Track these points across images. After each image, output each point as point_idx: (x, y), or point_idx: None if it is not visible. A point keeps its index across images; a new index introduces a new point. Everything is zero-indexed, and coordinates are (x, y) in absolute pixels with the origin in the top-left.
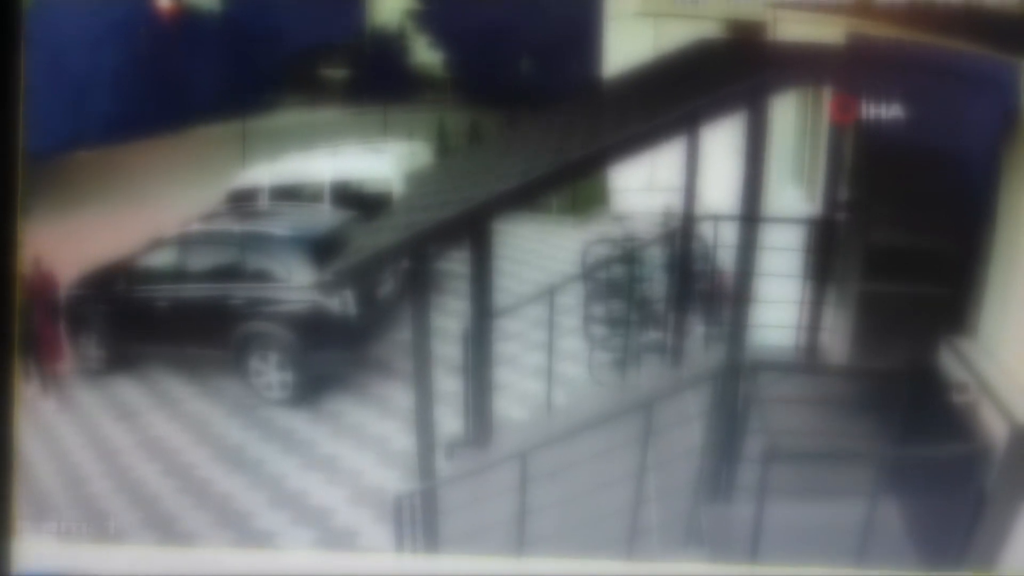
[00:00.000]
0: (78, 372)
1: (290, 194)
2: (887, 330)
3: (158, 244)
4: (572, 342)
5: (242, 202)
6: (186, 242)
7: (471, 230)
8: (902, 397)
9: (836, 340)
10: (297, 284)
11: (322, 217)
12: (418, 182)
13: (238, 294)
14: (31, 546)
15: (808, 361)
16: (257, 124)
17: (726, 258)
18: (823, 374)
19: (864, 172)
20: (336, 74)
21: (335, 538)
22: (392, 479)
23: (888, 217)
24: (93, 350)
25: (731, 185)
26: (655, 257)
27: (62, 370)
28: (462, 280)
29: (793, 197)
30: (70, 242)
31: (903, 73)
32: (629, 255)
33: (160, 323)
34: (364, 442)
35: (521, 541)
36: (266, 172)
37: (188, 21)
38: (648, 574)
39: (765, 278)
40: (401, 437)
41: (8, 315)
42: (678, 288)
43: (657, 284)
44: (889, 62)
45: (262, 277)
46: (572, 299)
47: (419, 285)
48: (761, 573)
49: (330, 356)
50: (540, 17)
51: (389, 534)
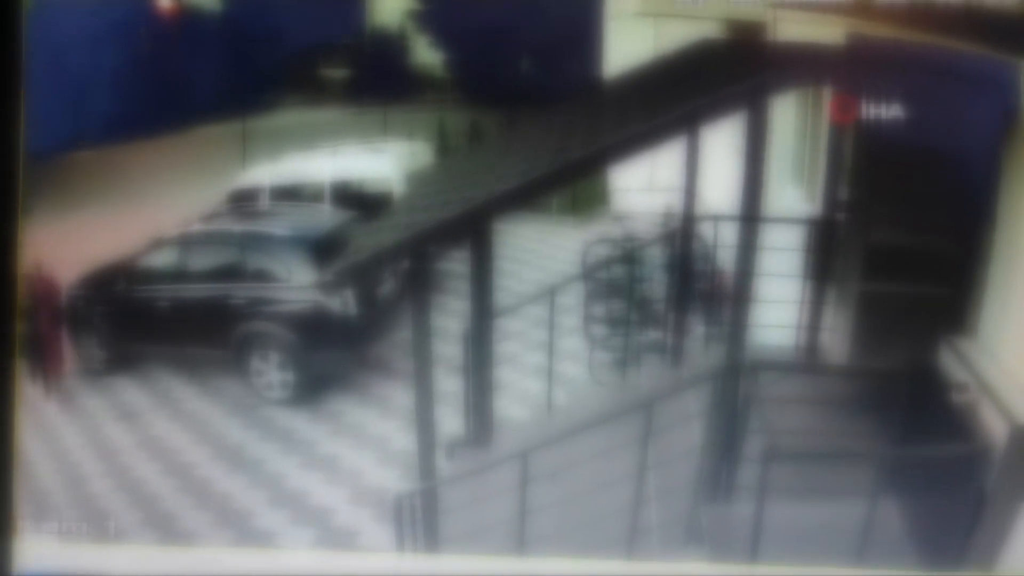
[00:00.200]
0: (79, 372)
1: (290, 194)
2: (887, 330)
3: (159, 244)
4: (572, 342)
5: (243, 202)
6: (187, 242)
7: (471, 230)
8: (902, 397)
9: (836, 340)
10: (298, 284)
11: (322, 217)
12: (418, 182)
13: (239, 294)
14: (32, 546)
15: (808, 361)
16: (257, 124)
17: (726, 258)
18: (823, 374)
19: (864, 172)
20: (336, 74)
21: (335, 538)
22: (392, 479)
23: (888, 217)
24: (94, 350)
25: (731, 185)
26: (655, 257)
27: (65, 373)
28: (462, 280)
29: (793, 197)
30: (71, 242)
31: (903, 73)
32: (629, 255)
33: (161, 323)
34: (364, 442)
35: (521, 541)
36: (266, 172)
37: (188, 21)
38: (648, 574)
39: (765, 278)
40: (401, 437)
41: (8, 315)
42: (678, 288)
43: (657, 284)
44: (889, 62)
45: (263, 277)
46: (572, 299)
47: (419, 285)
48: (761, 573)
49: (331, 356)
50: (540, 17)
51: (389, 534)
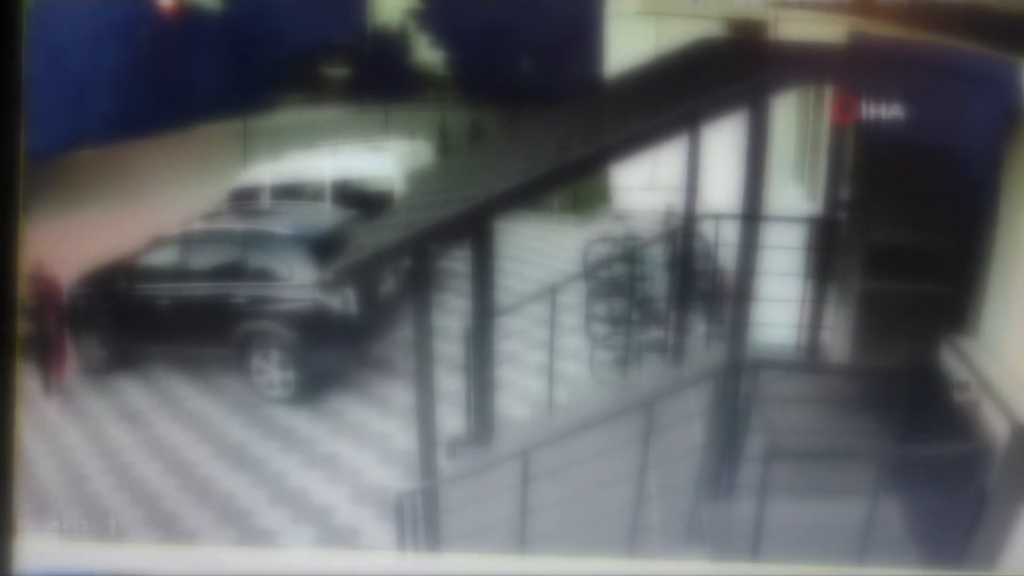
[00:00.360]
0: (79, 371)
1: (291, 193)
2: (888, 329)
3: (159, 243)
4: (573, 340)
5: (243, 201)
6: (187, 241)
7: (472, 229)
8: (903, 396)
9: (837, 339)
10: (298, 283)
11: (323, 216)
12: (419, 181)
13: (240, 293)
14: (33, 545)
15: (809, 360)
16: (258, 123)
17: (727, 257)
18: (824, 373)
19: (865, 170)
20: (337, 73)
21: (336, 536)
22: (393, 477)
23: (889, 215)
24: (94, 349)
25: (732, 184)
26: (656, 256)
27: (68, 374)
28: (463, 279)
29: (794, 196)
30: (71, 241)
31: (904, 72)
32: (630, 254)
33: (161, 322)
34: (365, 440)
35: (523, 539)
36: (267, 171)
37: (189, 20)
38: (649, 572)
39: (766, 277)
40: (402, 435)
41: (8, 315)
42: (679, 287)
43: (658, 283)
44: (890, 61)
45: (263, 276)
46: (573, 297)
47: (420, 283)
48: (762, 572)
49: (331, 354)
50: (541, 16)
51: (390, 533)
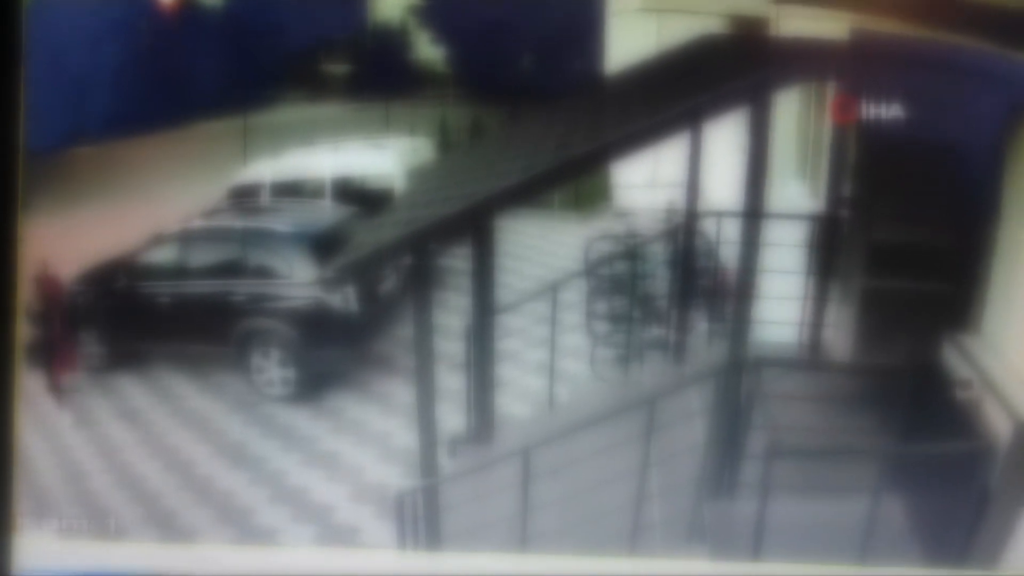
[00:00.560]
0: (79, 369)
1: (292, 190)
2: (890, 326)
3: (159, 240)
4: (575, 338)
5: (243, 198)
6: (187, 238)
7: (473, 226)
8: (905, 394)
9: (839, 337)
10: (299, 280)
11: (324, 213)
12: (420, 178)
13: (239, 290)
14: (32, 543)
15: (811, 357)
16: (258, 120)
17: (729, 254)
18: (826, 370)
19: (868, 168)
20: (338, 69)
21: (336, 535)
22: (394, 476)
23: (892, 213)
24: (94, 347)
25: (734, 181)
26: (658, 253)
27: (75, 377)
28: (464, 276)
29: (796, 193)
30: (71, 238)
31: (906, 68)
32: (632, 251)
33: (161, 320)
34: (366, 439)
35: (523, 538)
36: (268, 168)
37: (189, 16)
38: (650, 571)
39: (768, 274)
40: (403, 434)
41: (8, 313)
42: (681, 284)
43: (660, 280)
44: (892, 57)
45: (264, 273)
46: (575, 295)
47: (421, 281)
48: (764, 571)
49: (332, 352)
50: (542, 13)
51: (391, 531)
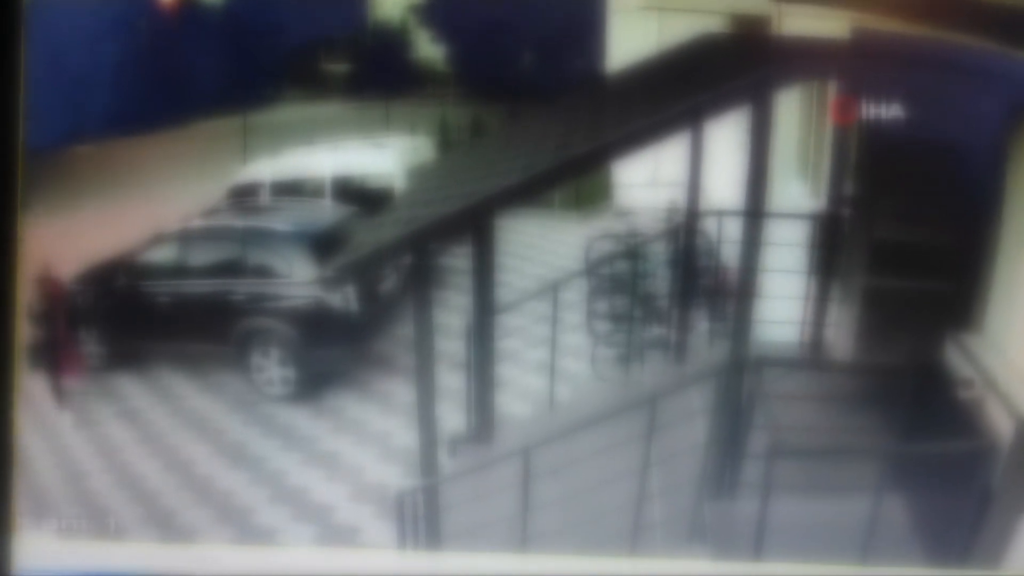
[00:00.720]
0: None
1: (291, 189)
2: (892, 326)
3: (159, 240)
4: (575, 338)
5: (243, 197)
6: (187, 238)
7: (474, 225)
8: (907, 393)
9: (841, 336)
10: (299, 280)
11: (324, 212)
12: (420, 177)
13: (239, 290)
14: (31, 543)
15: (813, 357)
16: (258, 119)
17: (730, 253)
18: (828, 370)
19: (869, 167)
20: (338, 68)
21: (336, 535)
22: (394, 475)
23: (893, 212)
24: (93, 346)
25: (735, 180)
26: (659, 253)
27: (80, 381)
28: (464, 276)
29: (798, 192)
30: (70, 238)
31: (908, 67)
32: (633, 251)
33: (161, 319)
34: (366, 438)
35: (524, 538)
36: (267, 167)
37: (189, 15)
38: (651, 571)
39: (769, 274)
40: (403, 433)
41: (8, 313)
42: (682, 284)
43: (661, 280)
44: (894, 56)
45: (263, 273)
46: (575, 295)
47: (421, 281)
48: (765, 571)
49: (332, 352)
50: (543, 11)
51: (391, 531)
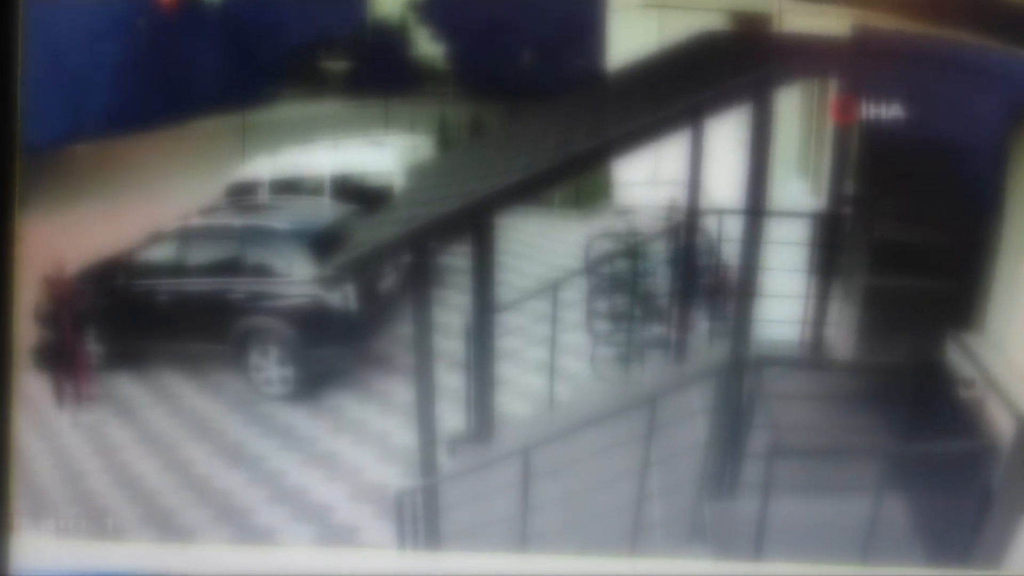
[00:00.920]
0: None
1: (290, 188)
2: (893, 325)
3: (157, 238)
4: (575, 337)
5: (242, 196)
6: (185, 236)
7: (473, 224)
8: (908, 393)
9: (842, 335)
10: (298, 278)
11: (323, 211)
12: (420, 176)
13: (238, 289)
14: (29, 543)
15: (813, 356)
16: (257, 117)
17: (731, 252)
18: (828, 369)
19: (870, 165)
20: (337, 66)
21: (335, 535)
22: (393, 475)
23: (894, 211)
24: (91, 345)
25: (736, 179)
26: (659, 252)
27: (91, 384)
28: (464, 275)
29: (798, 191)
30: (68, 236)
31: (909, 66)
32: (633, 249)
33: (159, 318)
34: (365, 438)
35: (524, 537)
36: (266, 165)
37: (187, 13)
38: (651, 571)
39: (770, 273)
40: (402, 433)
41: (6, 313)
42: (682, 283)
43: (661, 279)
44: (895, 55)
45: (262, 271)
46: (575, 294)
47: (421, 279)
48: (765, 571)
49: (331, 351)
50: (543, 9)
51: (390, 531)
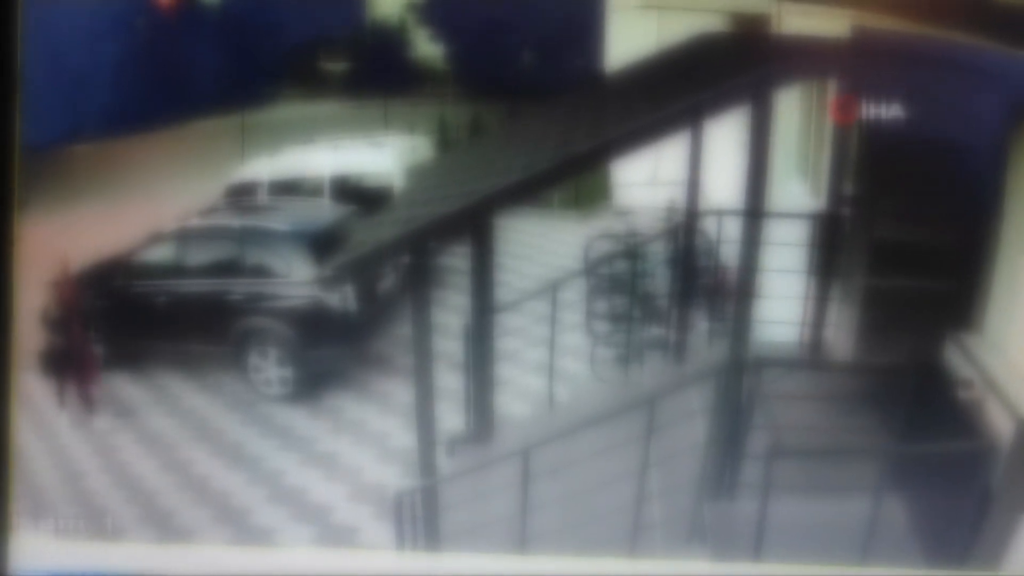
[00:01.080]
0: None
1: (289, 188)
2: (892, 326)
3: (156, 239)
4: (574, 338)
5: (241, 197)
6: (185, 237)
7: (472, 225)
8: (907, 393)
9: (841, 336)
10: (297, 279)
11: (322, 212)
12: (419, 176)
13: (237, 289)
14: (28, 544)
15: (812, 357)
16: (256, 118)
17: (730, 253)
18: (827, 370)
19: (870, 166)
20: (336, 67)
21: (335, 535)
22: (392, 476)
23: (894, 211)
24: (94, 348)
25: (735, 180)
26: (658, 252)
27: (99, 387)
28: (463, 275)
29: (797, 192)
30: (67, 237)
31: (909, 66)
32: (632, 250)
33: (158, 319)
34: (364, 438)
35: (523, 538)
36: (265, 166)
37: (187, 13)
38: (651, 572)
39: (769, 273)
40: (402, 433)
41: (5, 312)
42: (682, 283)
43: (660, 279)
44: (895, 55)
45: (261, 272)
46: (574, 295)
47: (420, 280)
48: (765, 571)
49: (330, 352)
50: (542, 10)
51: (389, 531)
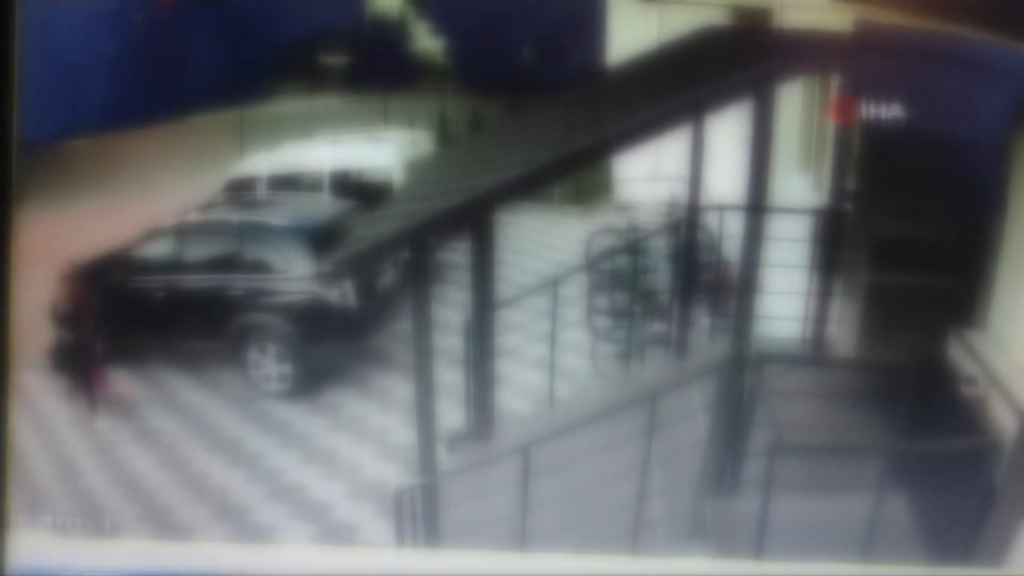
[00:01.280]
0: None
1: (289, 183)
2: (895, 322)
3: (155, 234)
4: (575, 334)
5: (240, 191)
6: (183, 232)
7: (473, 220)
8: (910, 390)
9: (843, 332)
10: (296, 275)
11: (321, 207)
12: (419, 171)
13: (236, 285)
14: (25, 541)
15: (814, 353)
16: (255, 112)
17: (731, 249)
18: (830, 366)
19: (872, 161)
20: (336, 61)
21: (334, 533)
22: (392, 473)
23: (896, 207)
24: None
25: (737, 175)
26: (660, 248)
27: (109, 388)
28: (463, 271)
29: (800, 187)
30: (65, 232)
31: (912, 61)
32: (633, 246)
33: (156, 315)
34: (364, 435)
35: (523, 536)
36: (264, 161)
37: (185, 7)
38: (652, 570)
39: (771, 269)
40: (401, 430)
41: (3, 309)
42: (683, 279)
43: (662, 275)
44: (897, 50)
45: (260, 268)
46: (575, 290)
47: (420, 276)
48: (766, 569)
49: (329, 348)
50: (543, 4)
51: (389, 528)
